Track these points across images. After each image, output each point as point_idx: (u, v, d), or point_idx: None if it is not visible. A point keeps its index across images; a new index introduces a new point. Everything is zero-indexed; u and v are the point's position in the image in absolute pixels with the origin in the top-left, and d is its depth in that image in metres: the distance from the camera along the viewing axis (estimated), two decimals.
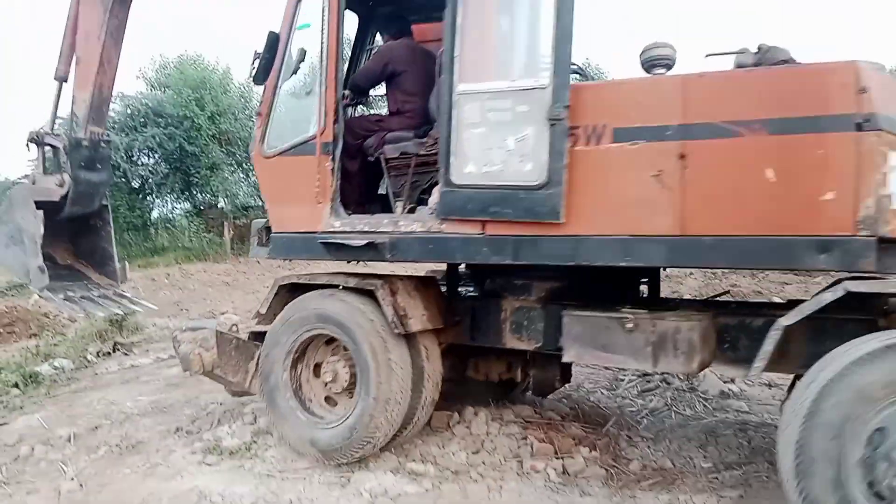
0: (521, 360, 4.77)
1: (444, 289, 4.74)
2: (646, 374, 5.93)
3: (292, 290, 4.44)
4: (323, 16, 4.13)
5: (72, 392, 6.21)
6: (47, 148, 5.34)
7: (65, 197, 5.22)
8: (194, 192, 20.38)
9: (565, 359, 3.97)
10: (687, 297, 8.70)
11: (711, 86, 3.30)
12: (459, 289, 4.87)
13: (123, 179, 18.05)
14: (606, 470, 4.08)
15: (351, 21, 4.93)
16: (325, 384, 4.29)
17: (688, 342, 3.56)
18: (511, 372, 4.92)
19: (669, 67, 3.69)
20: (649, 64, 3.68)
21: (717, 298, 5.14)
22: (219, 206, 20.69)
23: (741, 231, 3.21)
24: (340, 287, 4.22)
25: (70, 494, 3.94)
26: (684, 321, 3.61)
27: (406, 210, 4.23)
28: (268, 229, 4.54)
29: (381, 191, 4.82)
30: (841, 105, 2.99)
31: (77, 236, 5.67)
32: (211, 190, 19.94)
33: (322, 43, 4.15)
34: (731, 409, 5.27)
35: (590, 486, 3.89)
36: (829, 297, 3.08)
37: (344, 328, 4.10)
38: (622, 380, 6.07)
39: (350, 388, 4.20)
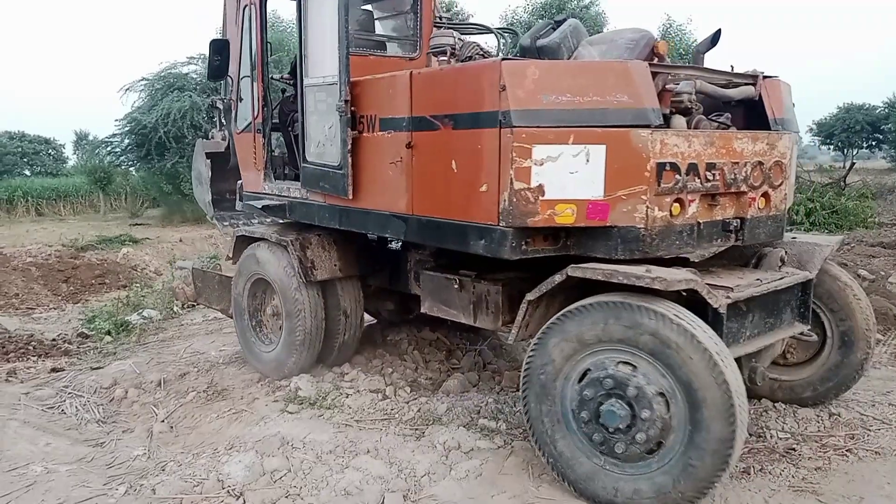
0: None
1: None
2: None
3: (249, 240, 5.52)
4: (251, 24, 5.16)
5: (160, 341, 6.54)
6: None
7: (227, 148, 6.64)
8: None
9: (422, 310, 4.63)
10: None
11: (425, 81, 3.62)
12: (390, 242, 5.59)
13: (202, 136, 19.43)
14: None
15: None
16: (272, 315, 5.53)
17: (495, 303, 4.03)
18: None
19: (450, 54, 3.98)
20: (434, 52, 4.02)
21: None
22: None
23: (440, 214, 3.60)
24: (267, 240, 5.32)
25: (162, 435, 4.24)
26: (492, 285, 4.04)
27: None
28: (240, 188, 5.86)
29: None
30: (490, 103, 3.17)
31: None
32: None
33: (251, 45, 5.21)
34: None
35: None
36: (558, 278, 3.31)
37: (271, 273, 5.22)
38: None
39: None
